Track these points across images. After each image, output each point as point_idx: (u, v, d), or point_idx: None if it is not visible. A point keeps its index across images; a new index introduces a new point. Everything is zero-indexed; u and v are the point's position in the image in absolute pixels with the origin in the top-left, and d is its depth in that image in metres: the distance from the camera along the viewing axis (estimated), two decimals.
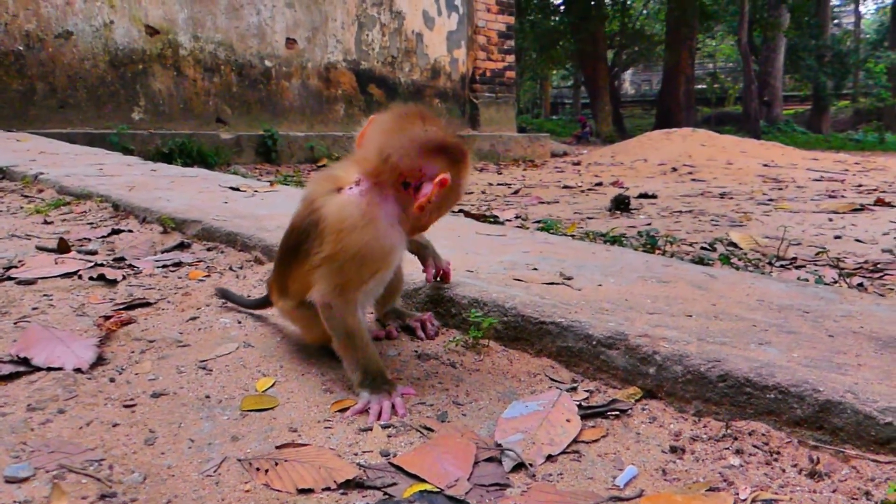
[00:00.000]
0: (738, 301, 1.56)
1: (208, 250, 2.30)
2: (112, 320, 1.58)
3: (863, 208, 4.66)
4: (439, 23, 10.39)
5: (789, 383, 1.07)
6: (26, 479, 0.95)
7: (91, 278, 1.95)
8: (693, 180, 7.24)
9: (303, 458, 1.04)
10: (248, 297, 1.79)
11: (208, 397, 1.26)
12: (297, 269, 1.32)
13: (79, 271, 2.00)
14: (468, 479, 1.00)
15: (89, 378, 1.31)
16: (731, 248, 3.10)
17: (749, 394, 1.11)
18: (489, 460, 1.05)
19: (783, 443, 1.06)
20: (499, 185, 6.71)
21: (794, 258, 2.91)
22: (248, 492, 0.96)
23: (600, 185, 6.75)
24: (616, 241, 2.99)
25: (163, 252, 2.30)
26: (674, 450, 1.08)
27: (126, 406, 1.21)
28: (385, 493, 0.97)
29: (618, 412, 1.20)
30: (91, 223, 2.79)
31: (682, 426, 1.15)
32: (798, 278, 2.35)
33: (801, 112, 29.76)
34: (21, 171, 3.90)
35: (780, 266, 2.75)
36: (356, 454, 1.08)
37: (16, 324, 1.57)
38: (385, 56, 9.80)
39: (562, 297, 1.53)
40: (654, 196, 5.42)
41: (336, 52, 9.24)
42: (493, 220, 3.58)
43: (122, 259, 2.19)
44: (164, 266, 2.12)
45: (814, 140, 20.65)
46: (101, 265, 2.08)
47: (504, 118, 11.42)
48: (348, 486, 0.98)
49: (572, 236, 3.11)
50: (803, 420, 1.05)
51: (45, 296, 1.79)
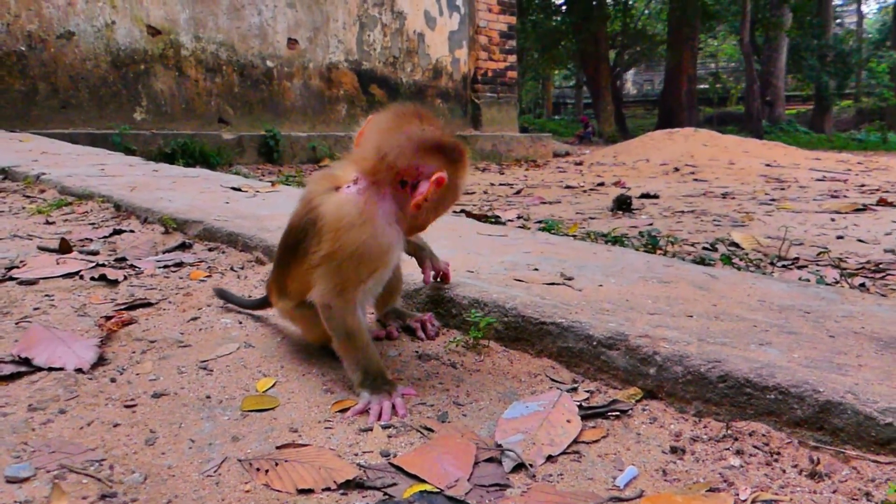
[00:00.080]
0: (739, 301, 1.56)
1: (210, 250, 2.30)
2: (113, 320, 1.58)
3: (865, 208, 4.65)
4: (441, 23, 10.39)
5: (789, 384, 1.07)
6: (27, 479, 0.96)
7: (92, 278, 1.95)
8: (695, 180, 7.23)
9: (303, 459, 1.04)
10: (250, 297, 1.79)
11: (209, 397, 1.26)
12: (296, 269, 1.32)
13: (80, 271, 2.00)
14: (468, 480, 1.00)
15: (90, 378, 1.31)
16: (732, 249, 3.09)
17: (749, 394, 1.11)
18: (489, 461, 1.05)
19: (783, 443, 1.05)
20: (501, 185, 6.71)
21: (797, 258, 2.90)
22: (248, 492, 0.97)
23: (602, 185, 6.74)
24: (617, 241, 2.99)
25: (164, 252, 2.30)
26: (674, 450, 1.08)
27: (127, 406, 1.21)
28: (385, 494, 0.97)
29: (618, 413, 1.20)
30: (93, 223, 2.80)
31: (682, 427, 1.15)
32: (799, 278, 2.35)
33: (804, 112, 29.72)
34: (23, 172, 3.91)
35: (782, 266, 2.75)
36: (356, 454, 1.08)
37: (17, 324, 1.58)
38: (387, 56, 9.80)
39: (562, 298, 1.53)
40: (656, 196, 5.42)
41: (338, 52, 9.24)
42: (494, 220, 3.58)
43: (123, 259, 2.19)
44: (165, 266, 2.12)
45: (816, 140, 20.62)
46: (103, 265, 2.08)
47: (506, 118, 11.42)
48: (348, 486, 0.98)
49: (574, 236, 3.11)
50: (804, 420, 1.05)
51: (46, 296, 1.80)
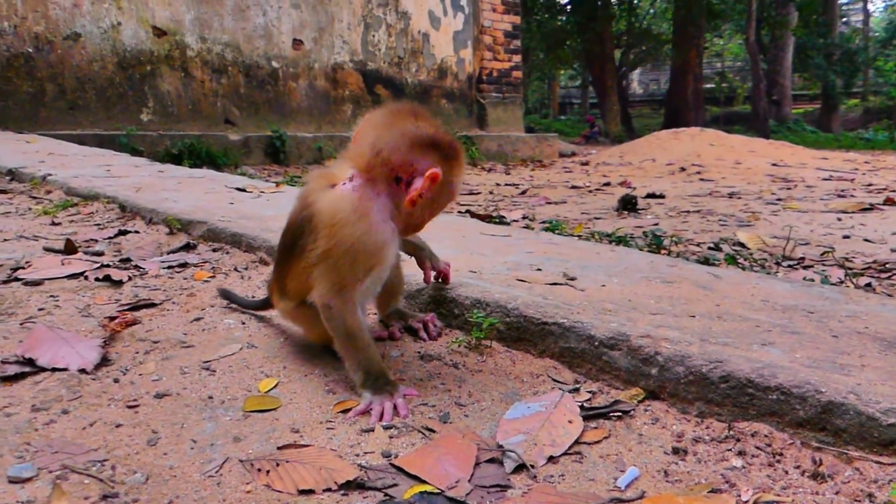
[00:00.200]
0: (742, 301, 1.55)
1: (214, 251, 2.31)
2: (117, 321, 1.59)
3: (872, 208, 4.63)
4: (445, 23, 10.39)
5: (791, 384, 1.07)
6: (29, 480, 0.96)
7: (97, 279, 1.96)
8: (701, 180, 7.21)
9: (304, 459, 1.04)
10: (253, 297, 1.80)
11: (211, 398, 1.27)
12: (295, 267, 1.32)
13: (85, 272, 2.01)
14: (469, 481, 1.00)
15: (93, 379, 1.32)
16: (738, 249, 3.08)
17: (751, 395, 1.10)
18: (490, 461, 1.05)
19: (786, 444, 1.05)
20: (506, 185, 6.70)
21: (802, 258, 2.89)
22: (249, 492, 0.97)
23: (608, 185, 6.73)
24: (621, 241, 2.98)
25: (169, 253, 2.31)
26: (676, 451, 1.08)
27: (129, 406, 1.22)
28: (386, 494, 0.97)
29: (620, 413, 1.20)
30: (98, 224, 2.81)
31: (684, 427, 1.15)
32: (804, 278, 2.34)
33: (811, 111, 29.53)
34: (30, 173, 3.93)
35: (788, 266, 2.74)
36: (358, 455, 1.08)
37: (22, 324, 1.58)
38: (392, 56, 9.80)
39: (564, 298, 1.52)
40: (661, 196, 5.41)
41: (343, 52, 9.25)
42: (498, 220, 3.58)
43: (128, 260, 2.20)
44: (169, 267, 2.13)
45: (823, 139, 20.50)
46: (108, 266, 2.09)
47: (511, 118, 11.41)
48: (349, 486, 0.98)
49: (578, 237, 3.11)
50: (806, 421, 1.05)
51: (51, 296, 1.80)
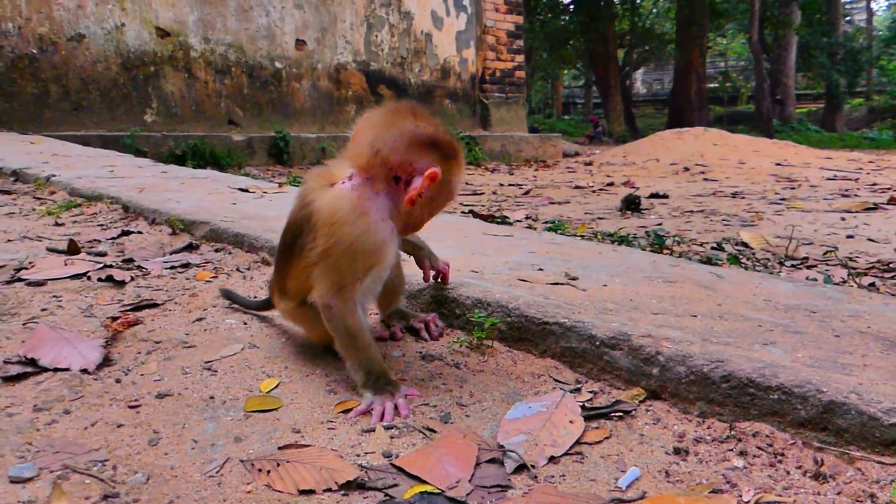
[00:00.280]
0: (744, 301, 1.55)
1: (216, 251, 2.31)
2: (119, 321, 1.59)
3: (876, 207, 4.62)
4: (448, 23, 10.39)
5: (792, 384, 1.06)
6: (30, 480, 0.96)
7: (100, 279, 1.96)
8: (705, 180, 7.20)
9: (305, 459, 1.04)
10: (255, 297, 1.80)
11: (212, 398, 1.27)
12: (295, 266, 1.32)
13: (88, 273, 2.02)
14: (469, 481, 1.00)
15: (95, 379, 1.32)
16: (741, 248, 3.08)
17: (752, 394, 1.10)
18: (491, 461, 1.05)
19: (787, 444, 1.05)
20: (510, 185, 6.70)
21: (806, 258, 2.88)
22: (249, 493, 0.97)
23: (612, 185, 6.72)
24: (624, 241, 2.98)
25: (171, 253, 2.31)
26: (677, 451, 1.08)
27: (131, 407, 1.22)
28: (386, 495, 0.97)
29: (621, 413, 1.20)
30: (101, 225, 2.82)
31: (686, 427, 1.14)
32: (807, 278, 2.33)
33: (815, 110, 29.47)
34: (34, 174, 3.94)
35: (791, 266, 2.73)
36: (358, 455, 1.08)
37: (24, 325, 1.59)
38: (395, 57, 9.81)
39: (566, 298, 1.52)
40: (665, 196, 5.40)
41: (346, 52, 9.26)
42: (501, 220, 3.58)
43: (130, 260, 2.20)
44: (172, 267, 2.13)
45: (828, 139, 20.44)
46: (110, 266, 2.10)
47: (515, 118, 11.41)
48: (349, 487, 0.98)
49: (581, 237, 3.10)
50: (807, 421, 1.04)
51: (54, 297, 1.81)
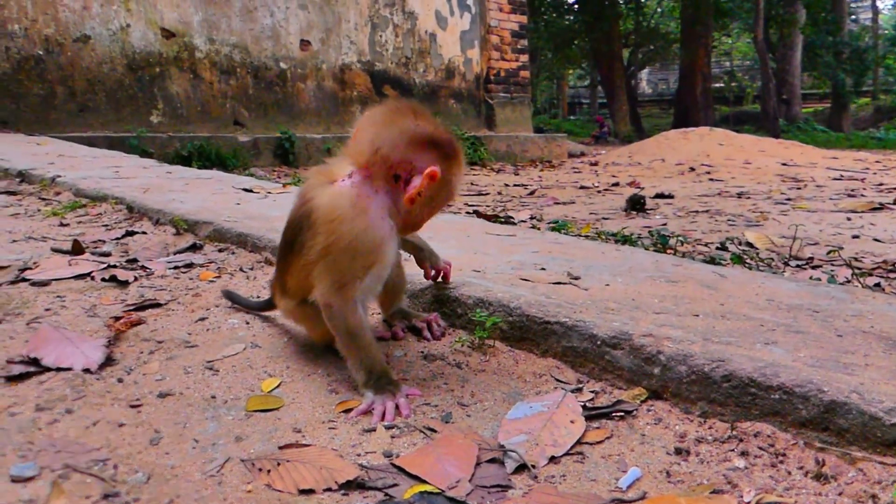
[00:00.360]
0: (746, 300, 1.54)
1: (220, 251, 2.32)
2: (122, 321, 1.60)
3: (882, 207, 4.60)
4: (452, 23, 10.39)
5: (794, 383, 1.06)
6: (31, 479, 0.97)
7: (103, 279, 1.97)
8: (710, 180, 7.18)
9: (305, 459, 1.04)
10: (258, 297, 1.80)
11: (214, 398, 1.27)
12: (295, 264, 1.32)
13: (92, 273, 2.02)
14: (469, 481, 0.99)
15: (97, 378, 1.32)
16: (745, 248, 3.07)
17: (754, 394, 1.09)
18: (492, 461, 1.05)
19: (789, 444, 1.04)
20: (515, 185, 6.69)
21: (811, 258, 2.87)
22: (249, 492, 0.97)
23: (617, 185, 6.71)
24: (627, 240, 2.98)
25: (175, 253, 2.32)
26: (678, 451, 1.07)
27: (132, 406, 1.22)
28: (386, 494, 0.97)
29: (623, 413, 1.19)
30: (106, 225, 2.83)
31: (687, 427, 1.14)
32: (811, 278, 2.32)
33: (821, 110, 29.33)
34: (39, 175, 3.95)
35: (795, 266, 2.72)
36: (359, 455, 1.08)
37: (28, 324, 1.59)
38: (399, 57, 9.81)
39: (568, 297, 1.52)
40: (670, 196, 5.39)
41: (350, 53, 9.26)
42: (505, 220, 3.57)
43: (134, 260, 2.21)
44: (175, 267, 2.13)
45: (834, 138, 20.35)
46: (114, 267, 2.10)
47: (520, 118, 11.39)
48: (349, 486, 0.98)
49: (585, 236, 3.10)
50: (809, 421, 1.04)
51: (57, 297, 1.81)
